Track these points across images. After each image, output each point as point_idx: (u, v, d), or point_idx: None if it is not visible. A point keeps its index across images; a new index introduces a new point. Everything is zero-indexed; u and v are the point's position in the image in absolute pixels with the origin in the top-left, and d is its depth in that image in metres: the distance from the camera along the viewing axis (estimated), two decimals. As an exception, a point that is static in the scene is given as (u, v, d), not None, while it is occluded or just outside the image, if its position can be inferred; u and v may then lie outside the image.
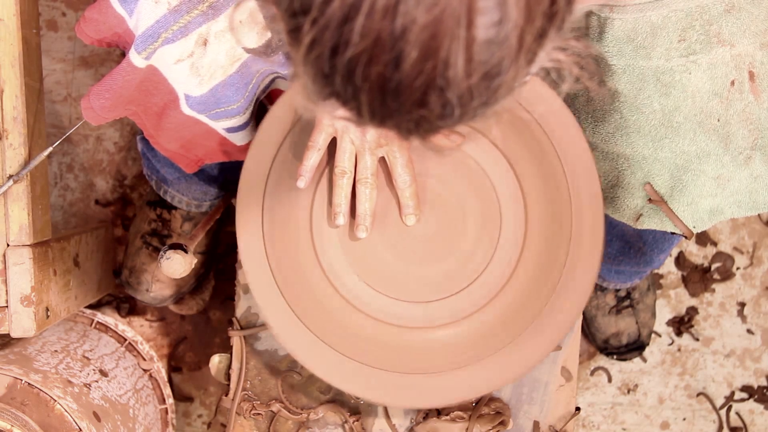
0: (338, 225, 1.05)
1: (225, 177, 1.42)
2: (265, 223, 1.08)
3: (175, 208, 1.50)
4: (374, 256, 1.09)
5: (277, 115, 1.06)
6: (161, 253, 1.07)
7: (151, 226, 1.52)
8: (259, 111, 1.13)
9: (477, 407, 1.16)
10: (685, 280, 1.70)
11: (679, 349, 1.71)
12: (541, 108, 1.04)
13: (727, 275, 1.70)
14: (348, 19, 0.57)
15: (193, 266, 1.08)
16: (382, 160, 1.06)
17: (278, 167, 1.06)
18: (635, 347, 1.62)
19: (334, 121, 1.01)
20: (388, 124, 0.63)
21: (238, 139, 1.10)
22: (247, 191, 1.08)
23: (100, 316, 1.52)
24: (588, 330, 1.64)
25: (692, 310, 1.71)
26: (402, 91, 0.59)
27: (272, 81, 1.08)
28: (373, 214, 1.06)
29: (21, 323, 1.14)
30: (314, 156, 1.03)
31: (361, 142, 1.02)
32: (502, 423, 1.16)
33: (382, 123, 0.63)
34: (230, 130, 1.07)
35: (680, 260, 1.70)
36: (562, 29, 0.62)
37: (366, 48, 0.58)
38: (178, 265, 1.06)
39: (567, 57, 0.66)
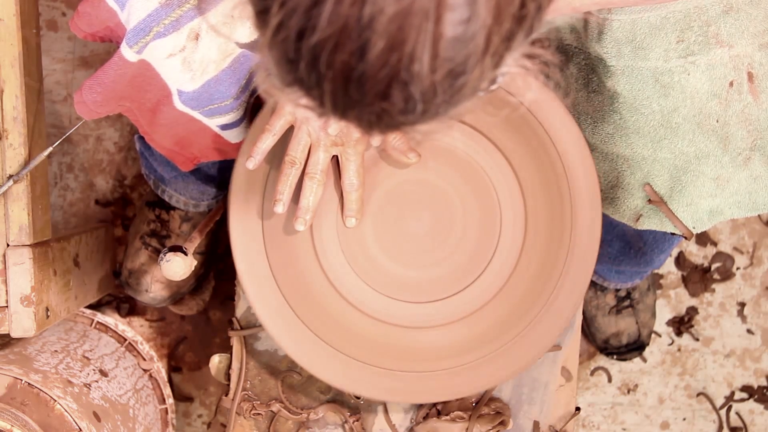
0: (276, 212, 1.04)
1: (223, 176, 1.42)
2: (264, 222, 1.08)
3: (174, 208, 1.50)
4: (374, 256, 1.09)
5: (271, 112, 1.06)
6: (161, 255, 1.07)
7: (150, 227, 1.52)
8: (254, 109, 1.13)
9: (477, 407, 1.16)
10: (685, 280, 1.70)
11: (679, 349, 1.71)
12: (538, 105, 1.04)
13: (727, 275, 1.70)
14: (317, 3, 0.57)
15: (192, 268, 1.08)
16: (335, 160, 1.06)
17: (278, 166, 1.06)
18: (635, 347, 1.62)
19: (295, 109, 1.01)
20: (349, 115, 0.63)
21: (233, 136, 1.10)
22: (242, 190, 1.08)
23: (100, 316, 1.52)
24: (588, 330, 1.64)
25: (692, 310, 1.71)
26: (365, 81, 0.59)
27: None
28: (315, 209, 1.06)
29: (21, 323, 1.14)
30: (269, 140, 1.03)
31: (317, 137, 1.02)
32: (502, 423, 1.16)
33: (343, 114, 0.63)
34: (224, 127, 1.07)
35: (680, 260, 1.70)
36: (531, 35, 0.62)
37: (332, 34, 0.57)
38: (177, 267, 1.06)
39: (534, 65, 0.66)
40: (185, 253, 1.07)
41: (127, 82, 1.01)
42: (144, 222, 1.53)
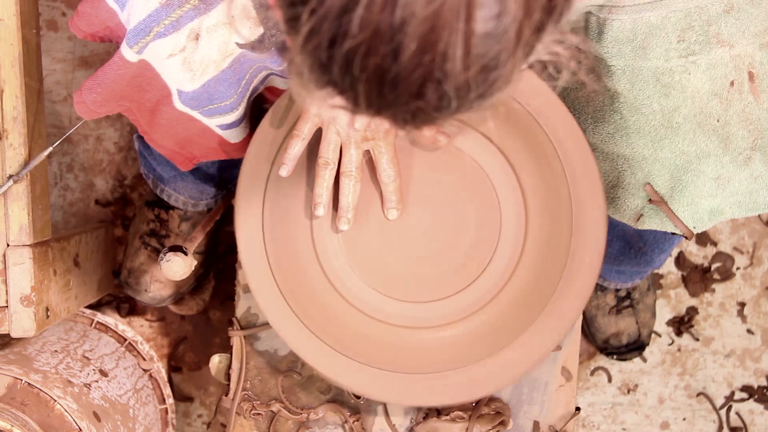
0: (318, 216, 1.05)
1: (221, 175, 1.42)
2: (265, 222, 1.08)
3: (173, 207, 1.50)
4: (375, 256, 1.09)
5: (278, 112, 1.06)
6: (161, 255, 1.07)
7: (149, 227, 1.52)
8: (254, 109, 1.13)
9: (477, 407, 1.16)
10: (685, 280, 1.70)
11: (679, 349, 1.71)
12: (539, 105, 1.04)
13: (727, 275, 1.70)
14: (347, 9, 0.57)
15: (192, 268, 1.08)
16: (367, 154, 1.06)
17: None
18: (635, 347, 1.62)
19: (321, 111, 1.01)
20: (384, 114, 0.64)
21: (233, 136, 1.10)
22: (246, 190, 1.08)
23: (100, 316, 1.52)
24: (588, 330, 1.64)
25: (692, 310, 1.71)
26: (399, 82, 0.59)
27: (266, 77, 1.08)
28: (356, 207, 1.06)
29: (21, 323, 1.14)
30: (298, 145, 1.04)
31: (346, 135, 1.03)
32: (502, 423, 1.16)
33: (378, 113, 0.64)
34: (224, 127, 1.07)
35: (680, 260, 1.70)
36: (560, 23, 0.63)
37: (365, 39, 0.58)
38: (177, 267, 1.06)
39: (564, 50, 0.66)
40: (185, 253, 1.07)
41: (126, 82, 1.01)
42: (143, 222, 1.53)
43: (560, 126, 1.05)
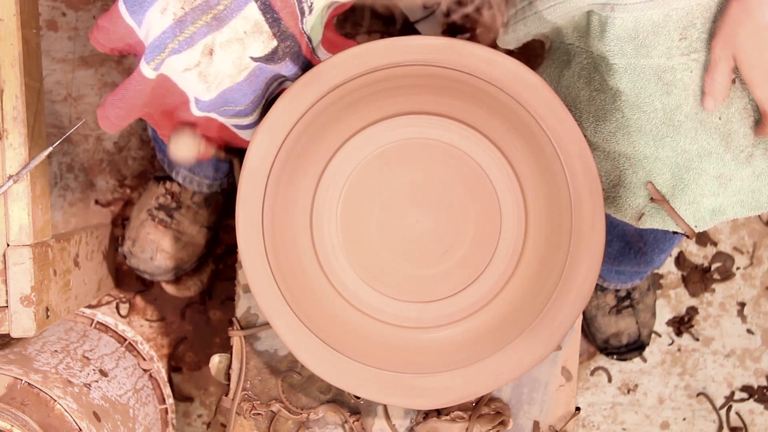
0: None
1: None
2: (265, 222, 1.08)
3: None
4: (375, 256, 1.09)
5: (279, 115, 1.06)
6: (171, 136, 1.08)
7: (158, 201, 1.52)
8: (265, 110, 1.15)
9: (477, 407, 1.16)
10: (685, 280, 1.70)
11: (679, 349, 1.71)
12: (539, 105, 1.04)
13: (727, 275, 1.70)
14: None
15: (199, 151, 1.08)
16: None
17: (279, 166, 1.07)
18: (635, 347, 1.62)
19: None
20: None
21: (247, 135, 1.12)
22: (247, 190, 1.08)
23: (100, 316, 1.52)
24: (588, 330, 1.64)
25: (692, 310, 1.71)
26: None
27: (280, 83, 1.09)
28: None
29: (21, 323, 1.14)
30: None
31: None
32: (502, 423, 1.16)
33: None
34: (240, 127, 1.09)
35: (680, 260, 1.70)
36: None
37: None
38: (184, 146, 1.06)
39: None
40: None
41: (147, 94, 1.02)
42: (152, 197, 1.52)
43: (560, 126, 1.05)
